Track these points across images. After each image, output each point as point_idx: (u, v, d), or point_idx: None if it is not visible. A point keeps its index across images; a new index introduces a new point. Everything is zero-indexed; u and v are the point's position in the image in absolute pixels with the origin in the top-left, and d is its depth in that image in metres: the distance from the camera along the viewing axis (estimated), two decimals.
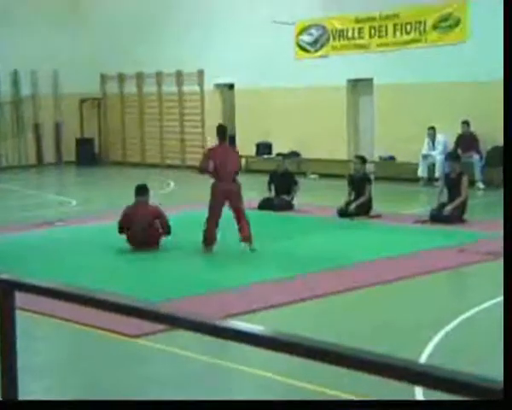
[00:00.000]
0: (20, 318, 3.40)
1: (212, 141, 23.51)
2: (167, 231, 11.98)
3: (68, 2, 26.95)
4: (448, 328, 7.78)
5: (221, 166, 11.57)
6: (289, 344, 2.42)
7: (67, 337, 8.09)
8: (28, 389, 5.54)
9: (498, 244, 11.63)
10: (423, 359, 6.84)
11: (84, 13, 27.20)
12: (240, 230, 11.70)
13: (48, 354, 7.63)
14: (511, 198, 2.32)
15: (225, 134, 12.17)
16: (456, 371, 2.01)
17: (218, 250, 11.76)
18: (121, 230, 12.05)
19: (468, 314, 8.31)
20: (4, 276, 3.27)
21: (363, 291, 9.47)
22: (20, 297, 3.10)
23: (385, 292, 9.55)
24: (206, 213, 11.77)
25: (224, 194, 11.66)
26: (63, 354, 7.82)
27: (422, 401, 1.80)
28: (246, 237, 11.69)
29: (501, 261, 10.75)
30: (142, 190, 12.27)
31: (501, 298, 8.93)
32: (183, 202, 16.72)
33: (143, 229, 11.82)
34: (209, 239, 11.72)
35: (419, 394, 5.93)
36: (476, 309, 8.53)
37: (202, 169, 11.89)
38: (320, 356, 2.31)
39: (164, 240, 12.07)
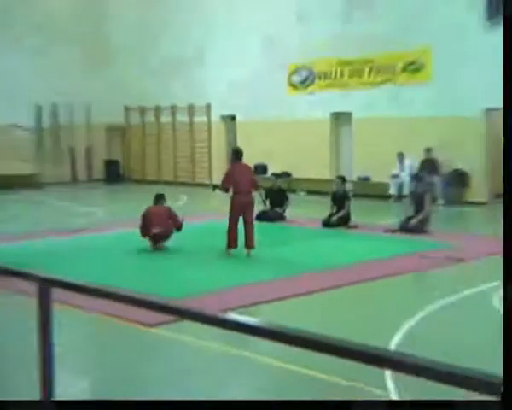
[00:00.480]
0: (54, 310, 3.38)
1: (223, 164, 23.54)
2: (179, 228, 12.18)
3: (98, 48, 27.00)
4: (412, 321, 7.76)
5: (238, 181, 11.63)
6: (279, 334, 2.41)
7: (94, 326, 8.04)
8: (61, 371, 5.51)
9: (455, 252, 11.66)
10: (392, 346, 6.82)
11: (111, 55, 27.26)
12: (247, 240, 11.65)
13: (77, 341, 7.58)
14: (510, 199, 2.19)
15: (239, 155, 12.20)
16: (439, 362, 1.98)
17: (224, 255, 11.74)
18: (142, 232, 12.10)
19: (428, 310, 8.29)
20: (42, 274, 3.25)
21: (342, 289, 9.45)
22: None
23: (360, 290, 9.53)
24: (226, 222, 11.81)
25: (242, 205, 11.64)
26: (90, 340, 7.79)
27: (421, 401, 1.71)
28: (250, 248, 11.70)
29: (457, 265, 10.78)
30: (159, 198, 12.43)
31: (455, 296, 8.94)
32: (194, 213, 16.67)
33: (159, 223, 11.92)
34: (231, 243, 11.73)
35: (388, 379, 5.89)
36: (436, 305, 8.51)
37: (225, 188, 11.91)
38: (306, 344, 2.30)
39: (180, 244, 12.09)
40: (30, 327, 3.59)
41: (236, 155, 12.18)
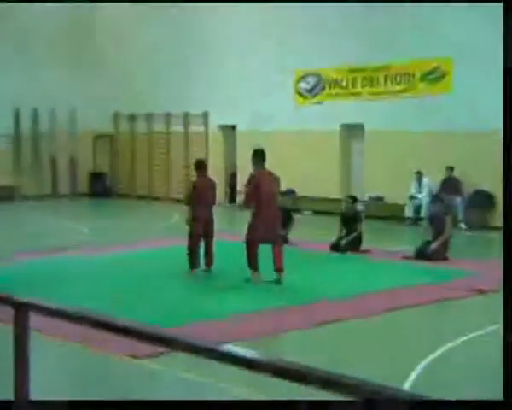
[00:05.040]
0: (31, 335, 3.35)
1: None
2: None
3: (85, 47, 27.15)
4: (428, 359, 7.71)
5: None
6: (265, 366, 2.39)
7: (72, 356, 7.99)
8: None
9: (478, 281, 11.63)
10: (407, 385, 6.76)
11: (99, 56, 27.39)
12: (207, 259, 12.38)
13: (54, 372, 7.54)
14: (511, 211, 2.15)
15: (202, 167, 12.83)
16: None
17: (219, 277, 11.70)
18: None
19: (448, 347, 8.24)
20: (19, 298, 3.26)
21: (353, 322, 9.42)
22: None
23: (373, 323, 9.48)
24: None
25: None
26: (69, 373, 7.75)
27: (421, 401, 1.75)
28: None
29: (480, 297, 10.75)
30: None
31: (481, 332, 8.88)
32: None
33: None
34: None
35: None
36: (456, 342, 8.46)
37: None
38: (303, 380, 2.30)
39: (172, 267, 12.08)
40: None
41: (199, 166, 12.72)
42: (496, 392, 6.71)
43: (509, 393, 1.89)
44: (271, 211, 11.58)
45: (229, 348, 2.69)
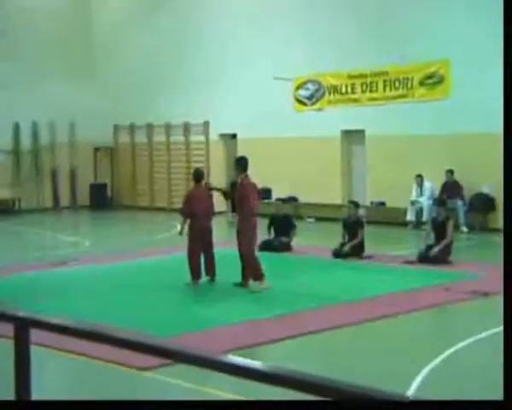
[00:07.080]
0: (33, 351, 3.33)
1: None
2: None
3: (85, 59, 27.15)
4: (433, 363, 7.69)
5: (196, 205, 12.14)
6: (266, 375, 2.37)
7: (79, 370, 7.96)
8: None
9: (481, 284, 11.59)
10: (411, 391, 6.73)
11: (99, 68, 27.40)
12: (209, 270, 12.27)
13: (59, 386, 7.51)
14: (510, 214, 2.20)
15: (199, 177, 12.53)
16: None
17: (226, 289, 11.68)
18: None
19: (452, 350, 8.21)
20: (20, 313, 3.22)
21: (357, 327, 9.40)
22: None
23: (377, 328, 9.46)
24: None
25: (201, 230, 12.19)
26: (72, 386, 7.72)
27: (421, 401, 1.73)
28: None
29: (484, 300, 10.71)
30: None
31: (484, 335, 8.85)
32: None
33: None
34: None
35: None
36: (460, 345, 8.43)
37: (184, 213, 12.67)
38: (304, 388, 2.27)
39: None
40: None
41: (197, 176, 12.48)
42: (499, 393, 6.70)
43: (509, 393, 1.91)
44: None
45: (231, 358, 2.66)
